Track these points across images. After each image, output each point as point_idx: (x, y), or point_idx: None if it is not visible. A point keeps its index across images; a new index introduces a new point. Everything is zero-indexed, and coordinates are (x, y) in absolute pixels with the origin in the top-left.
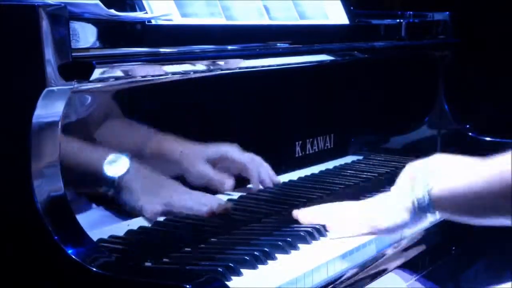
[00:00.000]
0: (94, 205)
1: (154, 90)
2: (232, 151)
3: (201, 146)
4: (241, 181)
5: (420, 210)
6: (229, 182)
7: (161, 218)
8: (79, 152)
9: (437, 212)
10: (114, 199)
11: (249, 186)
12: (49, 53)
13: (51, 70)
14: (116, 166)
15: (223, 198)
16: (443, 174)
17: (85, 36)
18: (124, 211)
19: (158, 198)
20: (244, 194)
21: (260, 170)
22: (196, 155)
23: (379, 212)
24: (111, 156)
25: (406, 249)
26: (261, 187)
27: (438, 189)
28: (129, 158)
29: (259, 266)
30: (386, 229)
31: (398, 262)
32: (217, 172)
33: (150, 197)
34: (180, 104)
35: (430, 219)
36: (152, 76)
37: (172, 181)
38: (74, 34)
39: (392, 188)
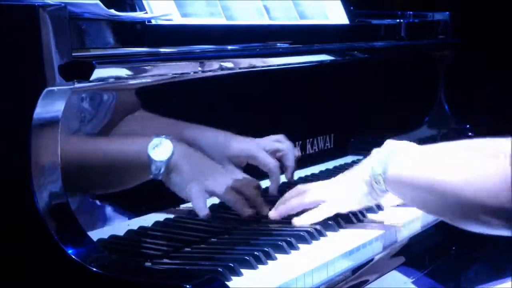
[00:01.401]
0: (94, 205)
1: (154, 90)
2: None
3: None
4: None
5: (377, 186)
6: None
7: (161, 218)
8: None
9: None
10: (115, 197)
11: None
12: (49, 53)
13: (51, 70)
14: (161, 149)
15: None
16: (402, 156)
17: (85, 36)
18: (126, 209)
19: (205, 178)
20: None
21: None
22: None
23: (341, 188)
24: (155, 140)
25: (406, 249)
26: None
27: (391, 172)
28: (171, 140)
29: (259, 266)
30: (350, 204)
31: (398, 261)
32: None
33: (199, 177)
34: (180, 104)
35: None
36: (152, 76)
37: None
38: (74, 34)
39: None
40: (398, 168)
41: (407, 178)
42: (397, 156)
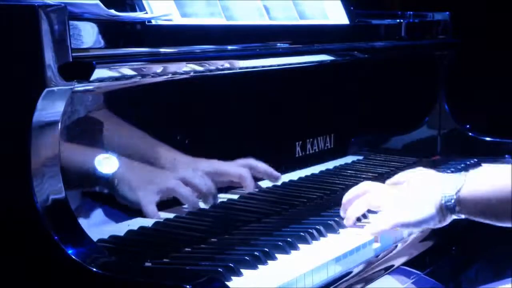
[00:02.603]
0: (94, 205)
1: (154, 90)
2: (220, 165)
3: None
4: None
5: (446, 208)
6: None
7: (161, 218)
8: (79, 154)
9: (461, 214)
10: (115, 198)
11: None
12: (49, 53)
13: (51, 70)
14: (107, 164)
15: (223, 198)
16: (472, 177)
17: (85, 36)
18: (126, 209)
19: (154, 186)
20: (244, 194)
21: (255, 174)
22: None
23: (407, 205)
24: (100, 156)
25: (406, 249)
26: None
27: (466, 191)
28: (116, 155)
29: (259, 266)
30: (413, 223)
31: (398, 262)
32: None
33: (147, 186)
34: (180, 104)
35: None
36: (152, 76)
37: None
38: (74, 34)
39: (416, 181)
40: (474, 185)
41: (485, 191)
42: (470, 175)
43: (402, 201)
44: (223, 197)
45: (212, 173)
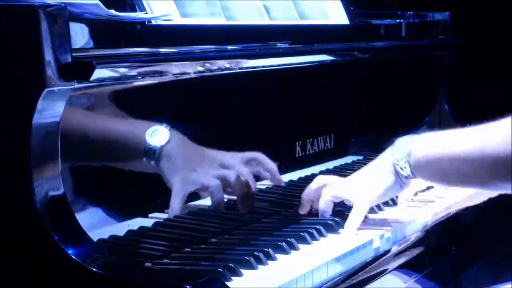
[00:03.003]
0: (94, 205)
1: (154, 90)
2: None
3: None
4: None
5: (401, 173)
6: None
7: (161, 219)
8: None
9: (416, 176)
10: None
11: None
12: (49, 54)
13: (51, 70)
14: (158, 135)
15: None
16: (423, 140)
17: (85, 36)
18: (126, 209)
19: (193, 170)
20: None
21: (260, 170)
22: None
23: (366, 183)
24: (153, 127)
25: (406, 249)
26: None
27: (416, 154)
28: (169, 129)
29: (259, 266)
30: (377, 197)
31: (399, 262)
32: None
33: (188, 168)
34: (180, 104)
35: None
36: (152, 76)
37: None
38: (74, 34)
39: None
40: (424, 148)
41: (435, 153)
42: (420, 139)
43: (360, 182)
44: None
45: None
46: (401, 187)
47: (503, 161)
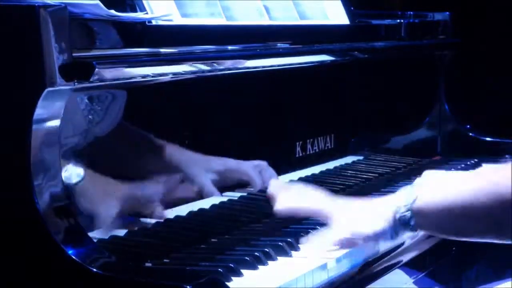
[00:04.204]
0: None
1: (154, 91)
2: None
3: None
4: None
5: (400, 221)
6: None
7: (161, 219)
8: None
9: (418, 229)
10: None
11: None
12: (49, 54)
13: (51, 70)
14: (71, 174)
15: (223, 198)
16: (428, 188)
17: (85, 36)
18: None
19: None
20: (244, 194)
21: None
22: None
23: (359, 218)
24: (68, 167)
25: (407, 249)
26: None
27: (422, 202)
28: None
29: (260, 266)
30: (365, 236)
31: (399, 261)
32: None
33: (106, 200)
34: (180, 105)
35: (408, 235)
36: (152, 76)
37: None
38: (74, 35)
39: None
40: (430, 195)
41: (439, 201)
42: (425, 184)
43: (353, 212)
44: (223, 196)
45: (222, 171)
46: (391, 238)
47: None
